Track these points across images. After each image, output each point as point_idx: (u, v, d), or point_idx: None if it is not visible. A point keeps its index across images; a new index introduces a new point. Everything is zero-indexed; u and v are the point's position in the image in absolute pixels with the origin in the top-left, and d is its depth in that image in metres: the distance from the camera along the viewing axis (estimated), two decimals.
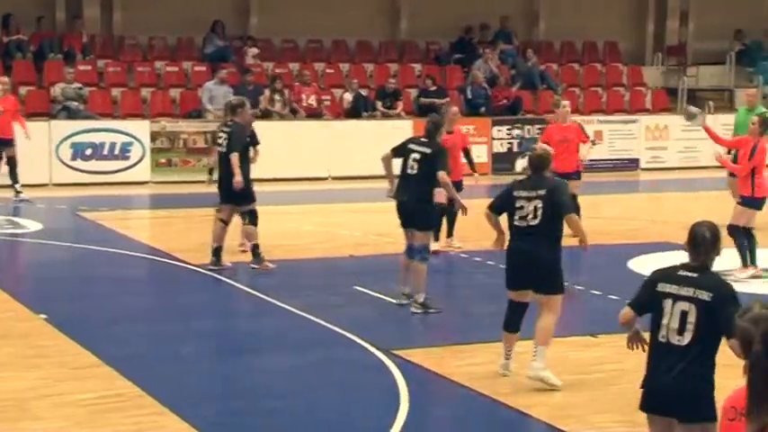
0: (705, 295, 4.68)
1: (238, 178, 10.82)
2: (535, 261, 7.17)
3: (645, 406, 4.86)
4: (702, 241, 4.85)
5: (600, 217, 15.87)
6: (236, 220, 11.33)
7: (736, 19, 24.39)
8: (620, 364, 7.59)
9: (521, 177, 7.73)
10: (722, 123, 21.78)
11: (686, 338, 4.69)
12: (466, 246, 12.27)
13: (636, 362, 7.58)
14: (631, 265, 11.35)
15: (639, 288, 5.00)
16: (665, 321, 4.73)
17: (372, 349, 8.05)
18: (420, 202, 9.32)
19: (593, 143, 14.85)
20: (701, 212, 17.24)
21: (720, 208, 16.73)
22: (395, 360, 7.71)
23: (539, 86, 22.45)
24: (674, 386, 4.70)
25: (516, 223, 7.30)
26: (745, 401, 3.37)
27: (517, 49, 23.30)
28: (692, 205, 17.43)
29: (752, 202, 10.85)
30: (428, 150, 9.29)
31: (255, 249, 11.18)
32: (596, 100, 22.70)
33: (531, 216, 7.22)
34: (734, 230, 10.72)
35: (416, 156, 9.32)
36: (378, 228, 13.61)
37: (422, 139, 9.54)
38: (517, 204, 7.28)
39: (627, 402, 6.74)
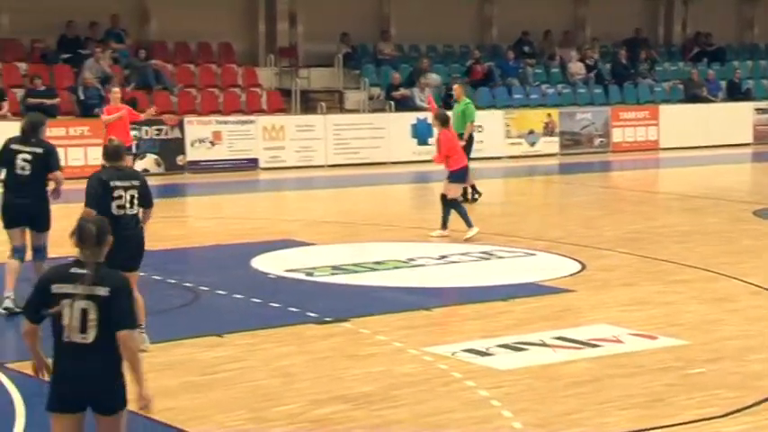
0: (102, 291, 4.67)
1: None
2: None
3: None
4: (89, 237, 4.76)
5: (222, 217, 16.03)
6: None
7: (342, 23, 25.60)
8: (245, 361, 7.76)
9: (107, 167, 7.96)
10: (333, 124, 22.90)
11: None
12: None
13: (261, 358, 7.83)
14: (254, 264, 11.55)
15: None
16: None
17: None
18: (40, 202, 9.17)
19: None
20: (319, 210, 17.93)
21: (336, 205, 17.60)
22: (9, 375, 7.29)
23: (154, 86, 22.20)
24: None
25: (114, 212, 7.57)
26: None
27: (129, 49, 22.88)
28: (310, 203, 18.09)
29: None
30: (39, 150, 9.18)
31: None
32: (213, 100, 22.85)
33: (129, 205, 7.67)
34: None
35: (27, 156, 9.16)
36: None
37: (26, 139, 9.29)
38: (115, 194, 7.65)
39: (254, 399, 6.89)
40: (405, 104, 23.67)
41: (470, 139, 16.74)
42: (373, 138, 22.90)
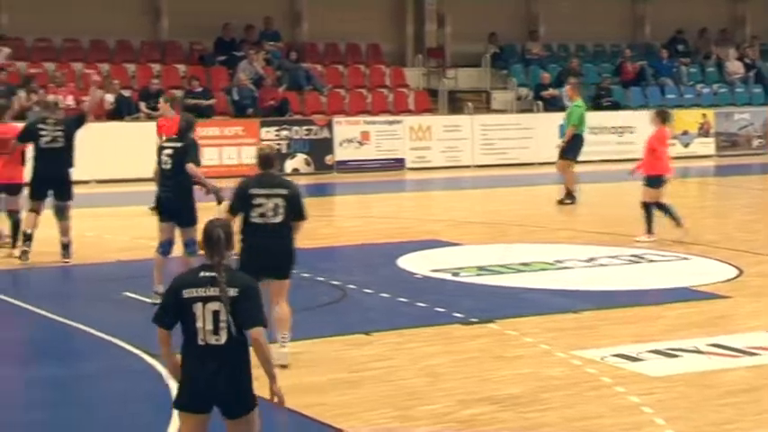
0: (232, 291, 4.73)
1: None
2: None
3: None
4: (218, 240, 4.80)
5: (369, 216, 16.19)
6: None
7: (490, 23, 25.49)
8: (392, 360, 7.81)
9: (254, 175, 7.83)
10: (480, 124, 22.82)
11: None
12: None
13: (407, 357, 7.86)
14: (401, 263, 11.62)
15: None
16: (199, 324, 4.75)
17: (144, 356, 7.84)
18: (182, 197, 9.45)
19: None
20: (465, 210, 17.91)
21: (482, 205, 17.53)
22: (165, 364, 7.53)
23: (304, 87, 22.61)
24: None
25: (255, 221, 7.44)
26: None
27: (281, 50, 23.37)
28: (456, 203, 18.08)
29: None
30: (179, 145, 9.49)
31: (69, 245, 11.55)
32: (361, 101, 23.11)
33: (271, 213, 7.43)
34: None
35: (168, 151, 9.50)
36: (145, 231, 13.28)
37: (173, 136, 9.69)
38: (255, 201, 7.45)
39: (400, 397, 6.92)
40: (553, 104, 23.38)
41: (576, 143, 16.50)
42: (521, 138, 22.72)
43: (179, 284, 4.85)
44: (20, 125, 12.10)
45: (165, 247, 9.52)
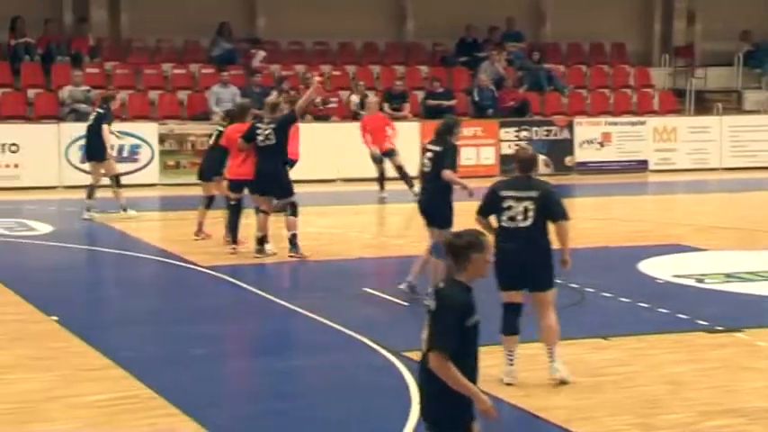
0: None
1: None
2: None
3: None
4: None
5: (610, 218, 15.87)
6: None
7: (743, 20, 24.35)
8: (631, 366, 7.63)
9: (505, 177, 7.69)
10: (729, 125, 21.86)
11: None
12: None
13: (647, 363, 7.65)
14: (642, 267, 11.32)
15: None
16: None
17: (382, 351, 8.04)
18: (435, 199, 9.48)
19: None
20: (711, 214, 17.19)
21: (730, 210, 16.78)
22: (405, 362, 7.66)
23: (546, 88, 22.44)
24: None
25: (505, 224, 7.23)
26: None
27: (523, 51, 23.30)
28: (702, 207, 17.41)
29: None
30: (438, 148, 9.50)
31: (294, 239, 11.80)
32: (603, 101, 22.67)
33: (521, 217, 7.18)
34: None
35: (429, 154, 9.55)
36: (386, 229, 13.61)
37: (435, 139, 9.73)
38: (505, 204, 7.23)
39: (640, 404, 6.76)
40: None
41: None
42: None
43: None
44: None
45: (433, 248, 9.39)
